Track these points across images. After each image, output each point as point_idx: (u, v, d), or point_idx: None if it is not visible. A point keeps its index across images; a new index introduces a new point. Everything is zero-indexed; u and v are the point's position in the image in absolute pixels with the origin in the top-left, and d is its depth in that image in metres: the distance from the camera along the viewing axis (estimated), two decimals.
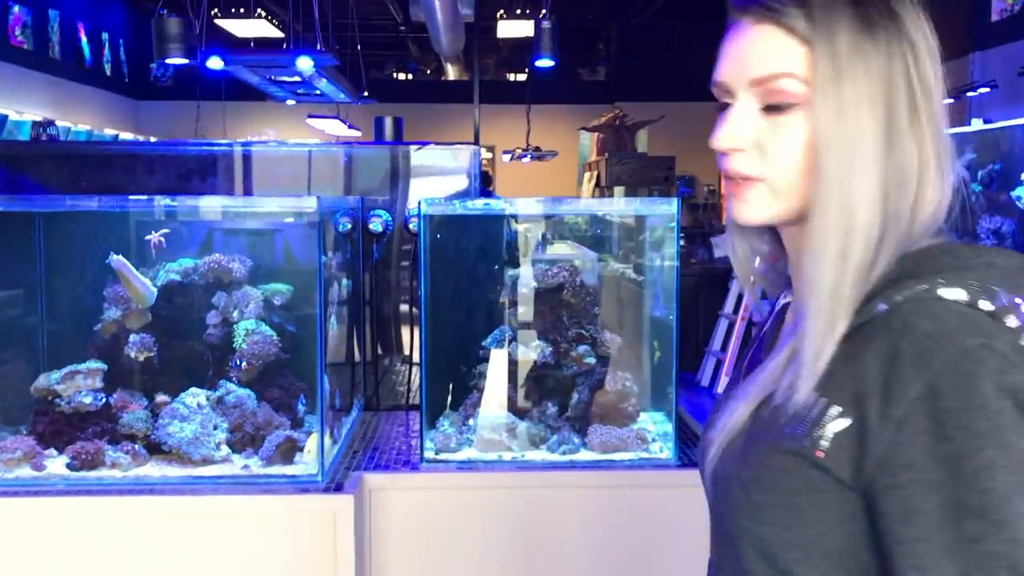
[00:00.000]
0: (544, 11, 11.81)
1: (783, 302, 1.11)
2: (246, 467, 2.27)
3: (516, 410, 2.56)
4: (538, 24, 5.42)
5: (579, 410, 2.55)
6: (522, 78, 15.84)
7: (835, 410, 0.84)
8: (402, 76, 15.73)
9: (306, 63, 4.54)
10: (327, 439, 2.29)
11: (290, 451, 2.30)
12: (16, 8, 10.00)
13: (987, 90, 8.21)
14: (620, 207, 2.91)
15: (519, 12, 12.03)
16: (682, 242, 5.45)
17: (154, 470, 2.25)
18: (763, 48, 0.92)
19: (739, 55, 0.94)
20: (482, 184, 3.18)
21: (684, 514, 2.26)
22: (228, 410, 2.36)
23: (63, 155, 2.98)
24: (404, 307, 3.20)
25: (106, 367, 2.35)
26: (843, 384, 0.85)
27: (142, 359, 2.39)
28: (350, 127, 10.51)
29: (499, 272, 2.79)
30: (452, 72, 14.98)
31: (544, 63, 5.72)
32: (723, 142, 0.95)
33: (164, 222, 2.44)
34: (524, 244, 2.80)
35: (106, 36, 12.69)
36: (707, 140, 0.96)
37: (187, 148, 3.00)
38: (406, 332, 3.18)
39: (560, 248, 2.84)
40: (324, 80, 5.43)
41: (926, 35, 0.93)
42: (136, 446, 2.26)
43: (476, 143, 3.69)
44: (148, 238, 2.36)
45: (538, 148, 9.58)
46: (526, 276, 2.71)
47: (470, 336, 2.69)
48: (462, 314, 2.76)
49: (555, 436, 2.48)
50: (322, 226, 2.29)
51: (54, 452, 2.29)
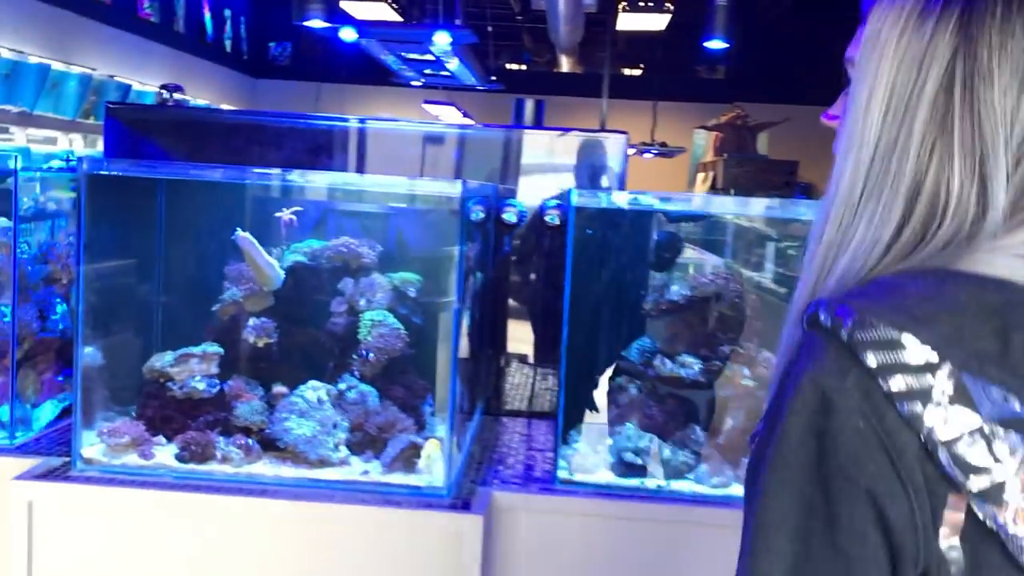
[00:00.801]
0: (668, 4, 11.46)
1: None
2: (365, 472, 2.07)
3: (660, 432, 2.29)
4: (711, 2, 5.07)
5: (733, 438, 2.26)
6: (636, 73, 15.47)
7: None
8: (514, 67, 15.53)
9: (444, 38, 4.33)
10: (448, 444, 2.07)
11: (413, 458, 2.09)
12: None
13: None
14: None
15: (641, 5, 11.70)
16: None
17: (267, 468, 2.06)
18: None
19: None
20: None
21: None
22: (349, 407, 2.17)
23: (187, 122, 2.84)
24: (517, 303, 2.98)
25: (222, 352, 2.18)
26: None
27: (261, 345, 2.21)
28: (465, 115, 10.35)
29: (646, 275, 2.53)
30: (566, 64, 14.71)
31: (716, 44, 5.37)
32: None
33: (292, 199, 2.26)
34: (674, 247, 2.53)
35: (228, 12, 12.85)
36: (828, 145, 0.90)
37: (317, 122, 2.82)
38: (527, 331, 2.95)
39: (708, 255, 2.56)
40: (457, 60, 5.21)
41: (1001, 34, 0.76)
42: (249, 440, 2.08)
43: (579, 129, 3.42)
44: (278, 215, 2.18)
45: (664, 143, 9.23)
46: (677, 282, 2.44)
47: (611, 344, 2.44)
48: (603, 319, 2.51)
49: (704, 466, 2.21)
50: (466, 214, 2.07)
51: (163, 440, 2.13)
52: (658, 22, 11.92)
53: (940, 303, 0.72)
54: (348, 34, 4.60)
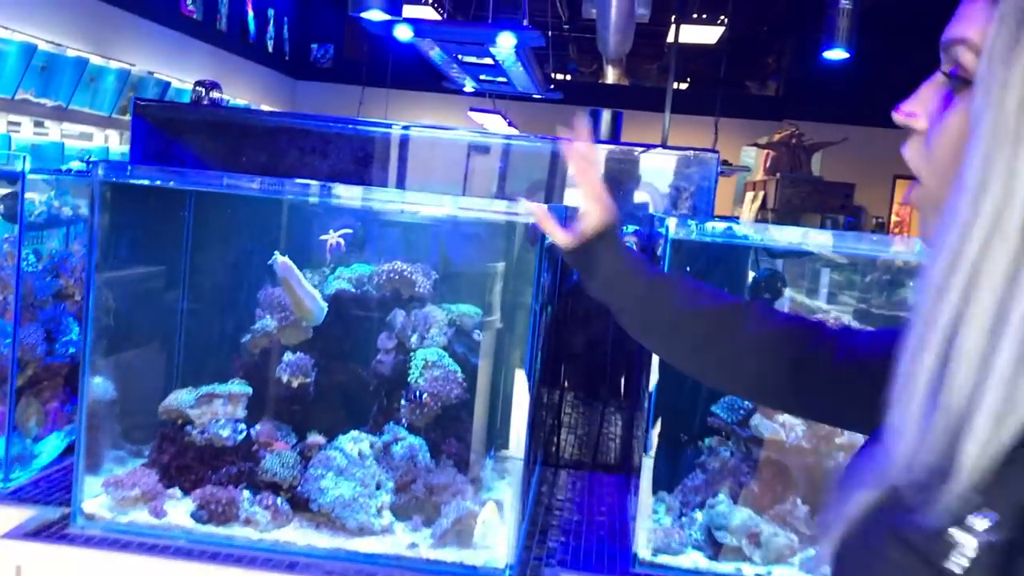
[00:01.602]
0: (723, 17, 11.11)
1: None
2: (413, 545, 1.74)
3: (757, 505, 1.95)
4: (835, 4, 4.70)
5: None
6: (683, 87, 15.09)
7: (986, 518, 0.59)
8: (559, 76, 15.22)
9: (508, 40, 3.99)
10: (512, 514, 1.75)
11: (470, 529, 1.77)
12: None
13: None
14: None
15: (695, 17, 11.36)
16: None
17: (297, 535, 1.74)
18: (962, 8, 0.74)
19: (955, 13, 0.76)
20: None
21: None
22: (395, 463, 1.85)
23: (223, 123, 2.55)
24: (582, 338, 2.64)
25: (251, 391, 1.87)
26: (1005, 486, 0.60)
27: (296, 385, 1.90)
28: (510, 124, 10.04)
29: None
30: (611, 76, 14.38)
31: (836, 54, 5.00)
32: (896, 114, 0.80)
33: (338, 217, 1.95)
34: (775, 286, 2.19)
35: (272, 13, 12.66)
36: (881, 168, 0.50)
37: (367, 129, 2.51)
38: (592, 369, 2.62)
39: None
40: (519, 64, 4.86)
41: None
42: (278, 500, 1.77)
43: (663, 146, 3.08)
44: (324, 238, 1.86)
45: (727, 162, 8.86)
46: None
47: (697, 398, 2.10)
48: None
49: (812, 549, 1.87)
50: (542, 242, 1.75)
51: (178, 493, 1.82)
52: (711, 35, 11.60)
53: None
54: (403, 32, 4.28)
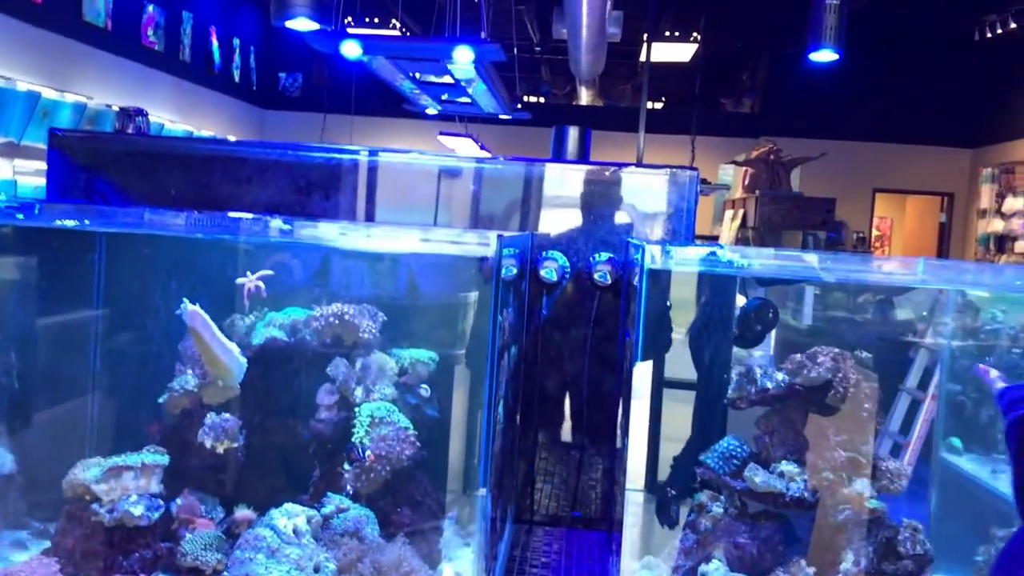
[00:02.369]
0: (695, 34, 10.99)
1: None
2: None
3: (754, 568, 1.71)
4: (819, 2, 4.49)
5: None
6: (658, 106, 14.98)
7: None
8: (532, 99, 15.07)
9: (465, 54, 3.74)
10: None
11: None
12: (150, 8, 9.74)
13: None
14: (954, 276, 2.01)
15: (667, 35, 11.24)
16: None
17: None
18: None
19: None
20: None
21: None
22: (337, 539, 1.59)
23: (151, 153, 2.30)
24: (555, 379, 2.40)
25: (167, 461, 1.61)
26: None
27: (221, 451, 1.65)
28: (482, 147, 9.85)
29: (728, 357, 1.96)
30: (585, 96, 14.25)
31: (824, 56, 4.79)
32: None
33: (271, 255, 1.70)
34: (766, 317, 1.96)
35: (237, 42, 12.45)
36: (860, 182, 0.12)
37: (310, 155, 2.27)
38: (567, 412, 2.38)
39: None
40: (480, 82, 4.62)
41: None
42: None
43: (638, 164, 2.86)
44: (241, 281, 1.62)
45: (706, 180, 8.68)
46: (770, 366, 1.87)
47: (686, 446, 1.87)
48: (676, 412, 1.94)
49: None
50: (499, 274, 1.51)
51: None
52: (684, 53, 11.48)
53: None
54: (351, 49, 4.02)
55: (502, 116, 7.07)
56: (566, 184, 2.27)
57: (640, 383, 1.77)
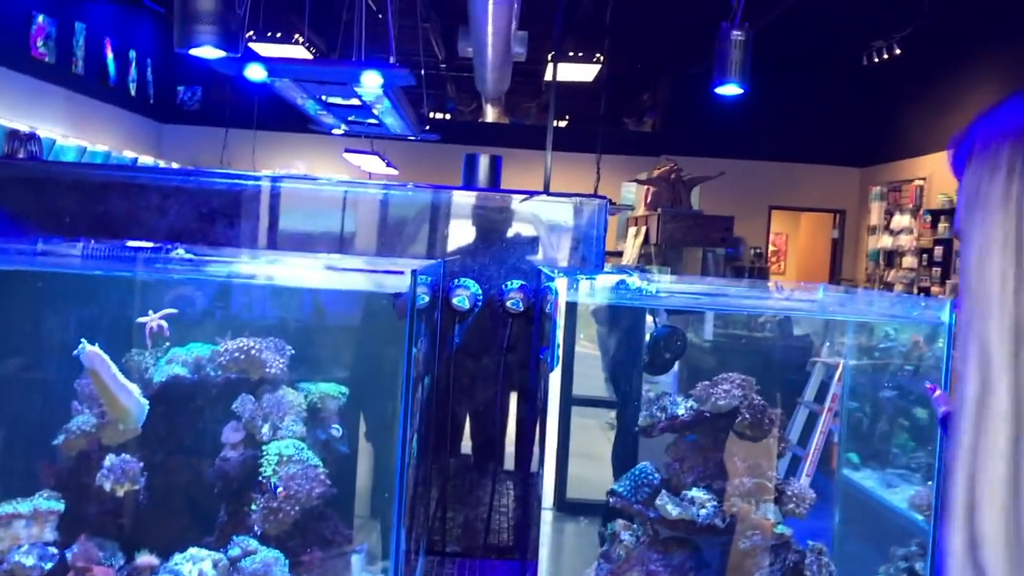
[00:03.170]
0: (599, 55, 11.16)
1: None
2: None
3: None
4: (725, 36, 4.55)
5: None
6: (562, 124, 15.16)
7: None
8: (438, 115, 15.06)
9: (373, 79, 3.70)
10: None
11: None
12: (40, 18, 9.37)
13: None
14: (866, 307, 2.06)
15: (571, 55, 11.38)
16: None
17: None
18: None
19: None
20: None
21: None
22: None
23: (43, 180, 2.20)
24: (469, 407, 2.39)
25: (62, 507, 1.54)
26: None
27: (121, 494, 1.58)
28: (389, 164, 9.77)
29: (638, 386, 1.98)
30: (491, 114, 14.32)
31: (729, 90, 4.86)
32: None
33: (172, 290, 1.64)
34: (675, 344, 1.99)
35: (133, 54, 12.07)
36: (757, 200, 0.19)
37: (213, 181, 2.21)
38: (479, 439, 2.37)
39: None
40: (388, 104, 4.58)
41: None
42: None
43: (547, 192, 2.88)
44: (143, 320, 1.56)
45: (611, 202, 8.79)
46: (674, 392, 1.91)
47: (597, 477, 1.88)
48: (577, 433, 1.95)
49: None
50: (413, 306, 1.49)
51: None
52: (588, 73, 11.64)
53: None
54: (255, 72, 3.93)
55: (410, 138, 7.04)
56: (477, 211, 2.27)
57: (554, 407, 1.78)
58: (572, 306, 1.64)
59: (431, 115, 14.19)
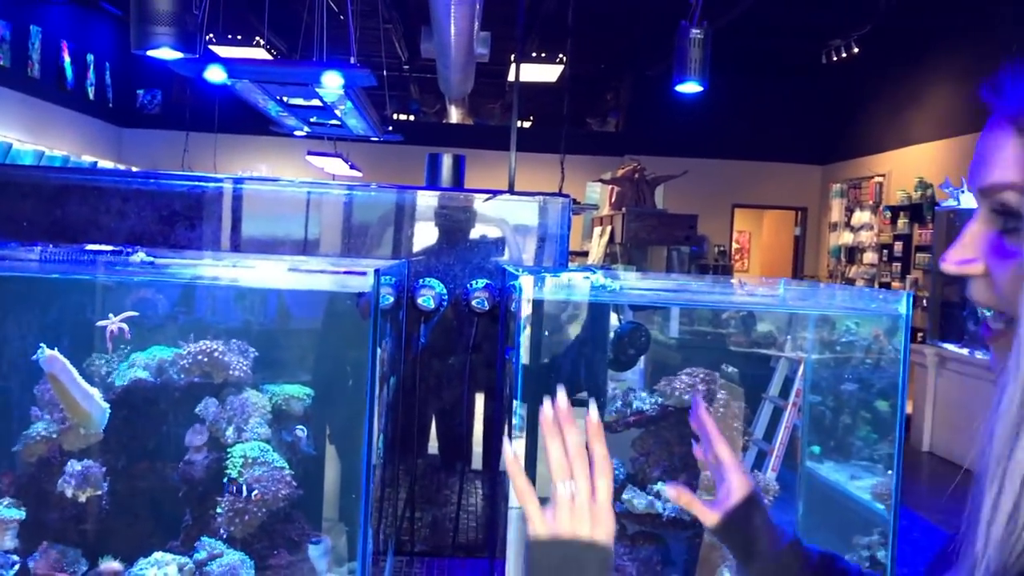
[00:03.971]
0: (561, 55, 11.20)
1: None
2: None
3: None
4: (684, 34, 4.57)
5: None
6: (526, 125, 15.19)
7: None
8: (402, 117, 15.02)
9: (334, 79, 3.68)
10: None
11: None
12: None
13: None
14: (824, 300, 2.10)
15: (534, 56, 11.41)
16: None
17: None
18: (993, 152, 0.75)
19: (978, 158, 0.78)
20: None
21: None
22: None
23: (1, 184, 2.17)
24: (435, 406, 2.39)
25: (23, 515, 1.51)
26: None
27: (84, 499, 1.56)
28: (353, 167, 9.72)
29: (603, 381, 2.00)
30: (455, 115, 14.31)
31: (689, 87, 4.89)
32: (946, 265, 0.79)
33: (131, 293, 1.63)
34: (639, 341, 2.00)
35: (91, 58, 11.91)
36: (720, 198, 0.22)
37: (172, 183, 2.19)
38: (447, 439, 2.37)
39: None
40: (350, 104, 4.57)
41: None
42: None
43: (511, 192, 2.89)
44: (103, 323, 1.54)
45: (575, 201, 8.81)
46: (640, 387, 1.92)
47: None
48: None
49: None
50: (377, 305, 1.48)
51: None
52: (551, 73, 11.68)
53: None
54: (215, 74, 3.89)
55: (373, 139, 7.01)
56: (441, 211, 2.27)
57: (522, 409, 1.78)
58: (537, 303, 1.64)
59: (395, 116, 14.16)
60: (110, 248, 1.73)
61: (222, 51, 8.18)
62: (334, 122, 5.28)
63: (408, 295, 2.14)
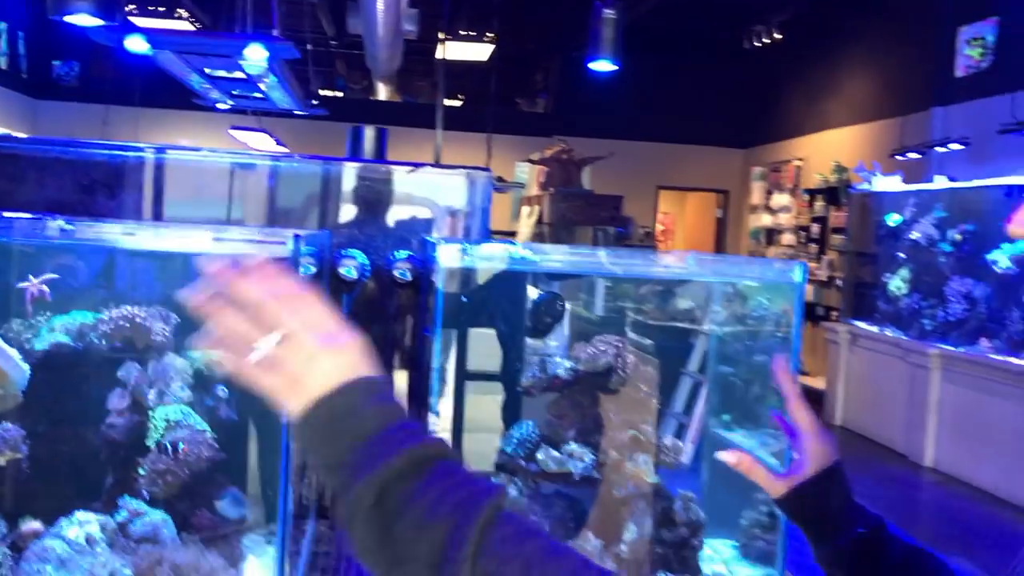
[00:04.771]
0: (490, 34, 11.22)
1: None
2: None
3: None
4: (597, 14, 4.64)
5: (637, 549, 1.83)
6: (456, 103, 15.18)
7: None
8: (328, 93, 14.87)
9: (258, 52, 3.67)
10: None
11: None
12: None
13: (959, 147, 7.90)
14: (724, 268, 2.20)
15: (461, 34, 11.41)
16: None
17: None
18: None
19: None
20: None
21: None
22: (134, 546, 1.56)
23: None
24: None
25: None
26: None
27: (4, 463, 1.58)
28: (278, 143, 9.61)
29: (521, 348, 2.07)
30: (383, 92, 14.22)
31: (602, 66, 4.96)
32: (1013, 227, 0.78)
33: (53, 258, 1.64)
34: (555, 309, 2.08)
35: (4, 27, 11.51)
36: (645, 180, 0.38)
37: (92, 152, 2.18)
38: None
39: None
40: (274, 78, 4.55)
41: None
42: None
43: (434, 164, 2.95)
44: (24, 285, 1.55)
45: (501, 178, 8.87)
46: (559, 355, 2.00)
47: (483, 433, 1.96)
48: (472, 402, 2.02)
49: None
50: (296, 271, 1.53)
51: None
52: (481, 52, 11.70)
53: None
54: (136, 44, 3.84)
55: (297, 112, 6.95)
56: (363, 183, 2.31)
57: (444, 376, 1.84)
58: (456, 272, 1.71)
59: (321, 92, 13.99)
60: (28, 216, 1.74)
61: (144, 23, 8.00)
62: (257, 95, 5.26)
63: (330, 265, 2.18)
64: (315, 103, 7.39)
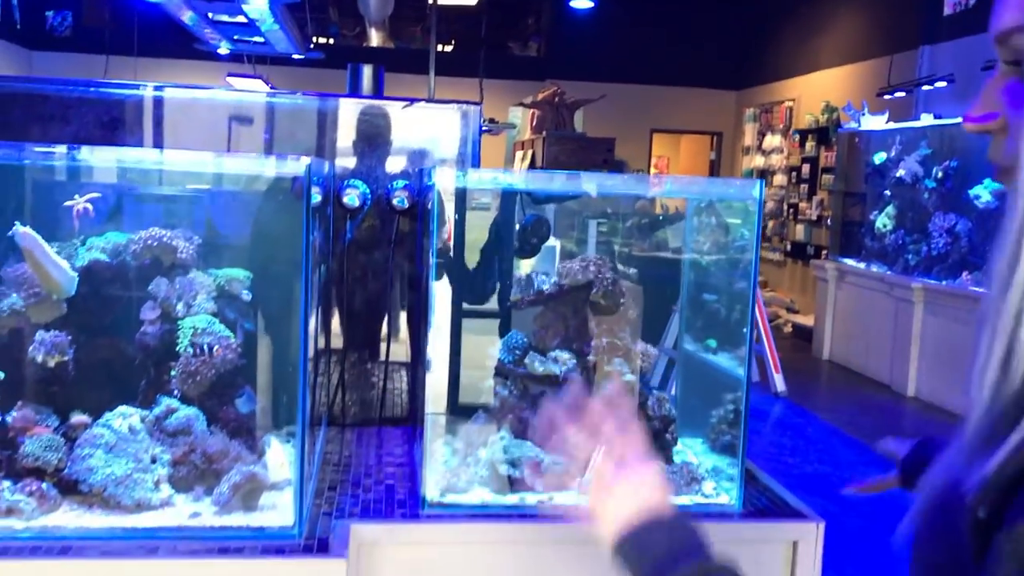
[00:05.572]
0: None
1: None
2: (196, 515, 1.70)
3: (536, 438, 2.04)
4: None
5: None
6: (448, 49, 15.20)
7: None
8: (322, 40, 14.88)
9: None
10: (296, 472, 1.74)
11: (254, 492, 1.74)
12: None
13: (943, 84, 8.03)
14: (688, 187, 2.39)
15: None
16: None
17: (69, 517, 1.65)
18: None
19: (994, 6, 0.78)
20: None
21: None
22: (169, 436, 1.78)
23: None
24: (359, 296, 2.64)
25: (2, 375, 1.74)
26: None
27: (52, 365, 1.79)
28: (273, 88, 9.72)
29: (510, 264, 2.27)
30: (376, 39, 14.24)
31: (582, 3, 5.08)
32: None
33: (85, 183, 1.83)
34: (541, 231, 2.28)
35: None
36: (638, 123, 0.62)
37: (113, 92, 2.36)
38: (373, 326, 2.63)
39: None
40: (274, 23, 4.68)
41: None
42: (43, 485, 1.67)
43: (427, 100, 3.12)
44: (69, 203, 1.75)
45: (493, 119, 9.00)
46: (545, 270, 2.20)
47: (474, 343, 2.17)
48: (466, 316, 2.23)
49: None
50: (310, 197, 1.72)
51: None
52: None
53: None
54: None
55: (295, 56, 7.05)
56: (362, 118, 2.49)
57: (439, 302, 2.05)
58: (451, 193, 1.90)
59: (315, 39, 14.01)
60: (62, 149, 1.93)
61: None
62: (258, 38, 5.37)
63: (334, 194, 2.37)
64: (312, 47, 7.49)
